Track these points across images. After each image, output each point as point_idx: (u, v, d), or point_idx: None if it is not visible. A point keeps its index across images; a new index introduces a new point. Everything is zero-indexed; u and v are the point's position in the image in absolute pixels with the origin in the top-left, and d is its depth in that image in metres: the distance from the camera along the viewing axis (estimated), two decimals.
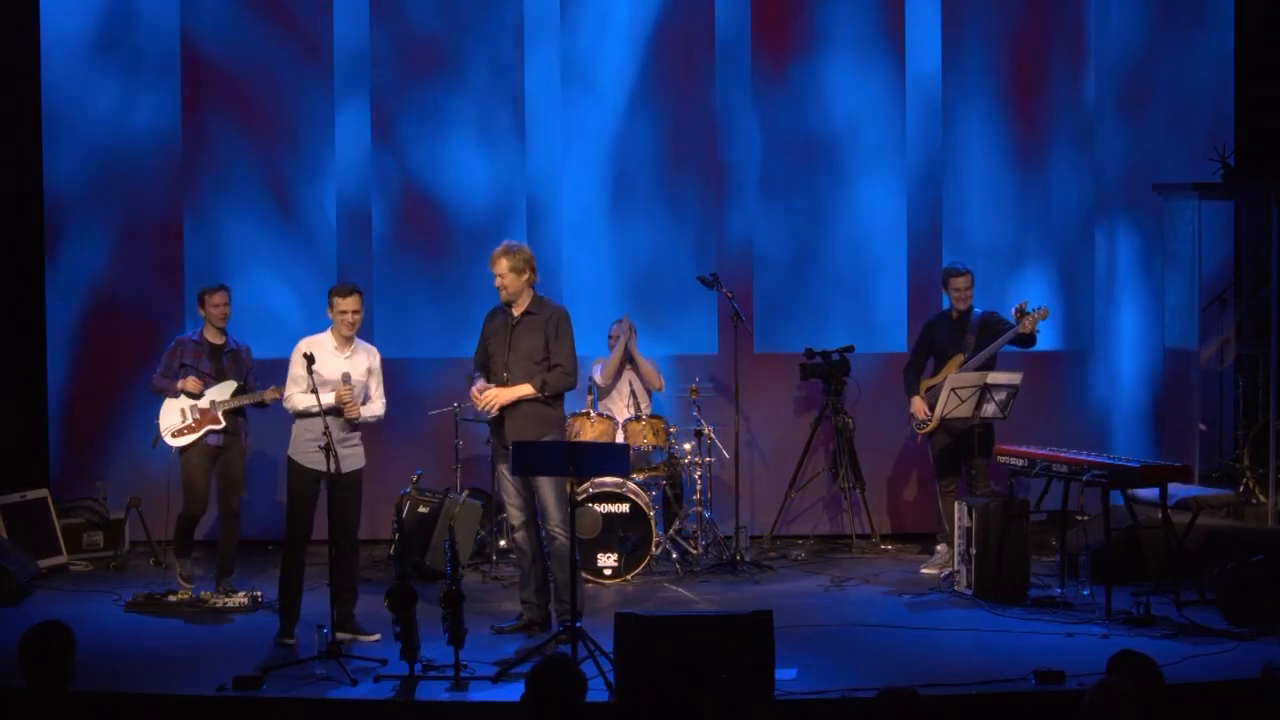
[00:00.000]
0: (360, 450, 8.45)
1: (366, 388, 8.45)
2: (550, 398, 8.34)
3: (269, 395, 9.17)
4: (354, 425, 8.36)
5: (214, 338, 9.54)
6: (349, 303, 8.34)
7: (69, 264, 11.10)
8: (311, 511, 8.37)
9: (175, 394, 9.30)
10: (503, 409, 8.28)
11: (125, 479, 10.82)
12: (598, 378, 10.52)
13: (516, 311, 8.39)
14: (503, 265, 8.29)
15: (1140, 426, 11.24)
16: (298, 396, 8.32)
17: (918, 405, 9.93)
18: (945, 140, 11.25)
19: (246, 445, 9.55)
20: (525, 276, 8.32)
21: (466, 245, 11.21)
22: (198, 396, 9.34)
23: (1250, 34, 11.18)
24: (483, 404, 8.35)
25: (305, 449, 8.25)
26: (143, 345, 10.86)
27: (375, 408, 8.50)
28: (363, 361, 8.45)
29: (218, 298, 9.50)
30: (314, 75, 11.14)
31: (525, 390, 8.27)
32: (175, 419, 9.33)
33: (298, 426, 8.36)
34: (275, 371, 9.65)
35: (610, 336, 10.62)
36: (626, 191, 11.32)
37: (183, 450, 9.32)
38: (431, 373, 11.19)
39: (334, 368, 8.32)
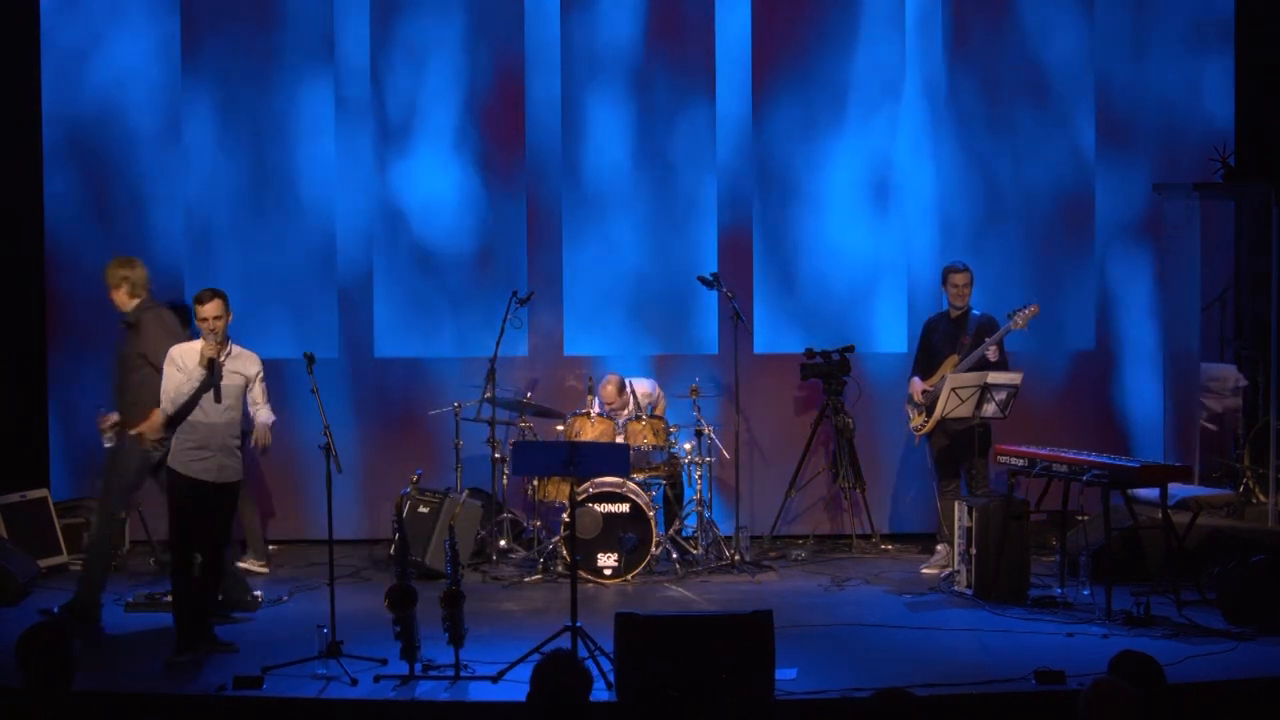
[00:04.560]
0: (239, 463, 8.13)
1: (249, 393, 8.07)
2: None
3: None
4: (241, 435, 8.05)
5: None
6: (207, 309, 7.90)
7: (70, 262, 11.10)
8: (199, 521, 8.06)
9: None
10: None
11: None
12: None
13: None
14: None
15: (1140, 426, 11.24)
16: (171, 396, 7.92)
17: (914, 385, 9.95)
18: (945, 141, 11.25)
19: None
20: (119, 291, 8.66)
21: (466, 242, 11.22)
22: None
23: (1250, 33, 11.19)
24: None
25: (186, 458, 7.97)
26: None
27: (264, 415, 8.10)
28: (238, 368, 8.02)
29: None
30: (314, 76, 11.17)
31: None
32: None
33: (180, 435, 7.99)
34: (278, 370, 9.69)
35: (606, 402, 10.45)
36: (625, 189, 11.31)
37: None
38: (431, 373, 11.19)
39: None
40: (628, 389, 10.42)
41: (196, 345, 7.95)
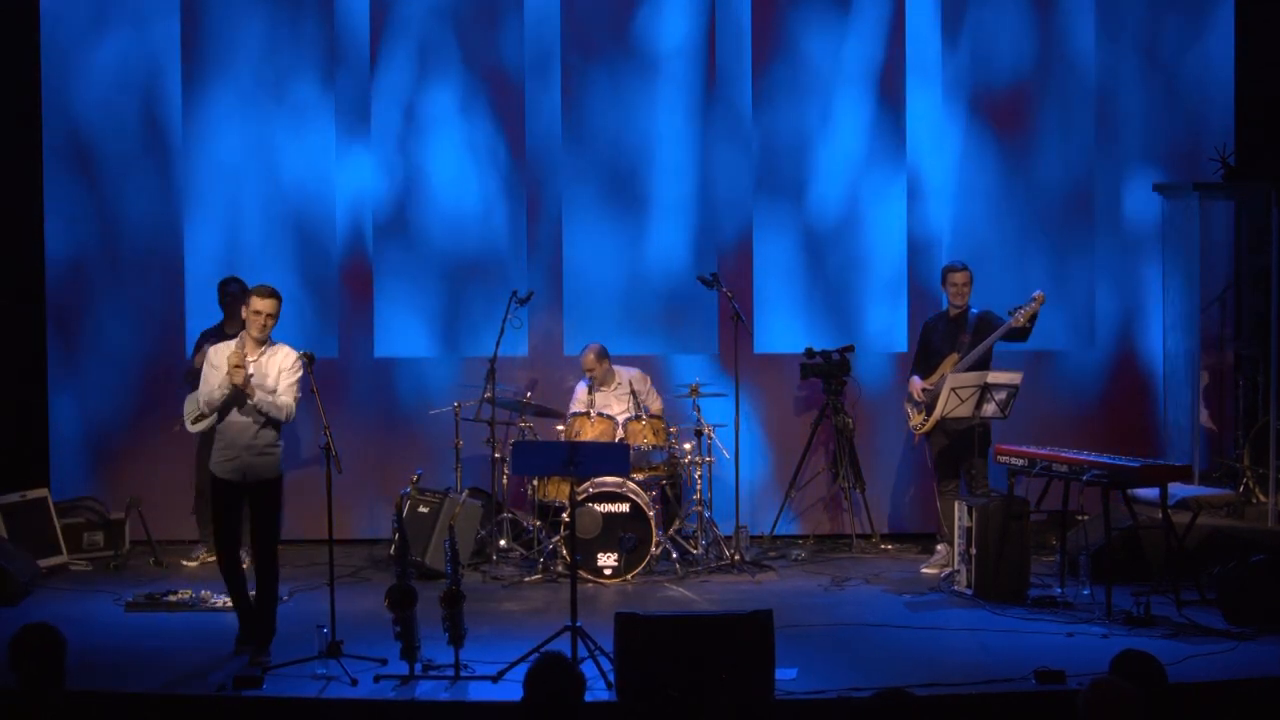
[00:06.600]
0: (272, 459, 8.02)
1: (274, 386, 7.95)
2: None
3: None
4: (264, 425, 7.90)
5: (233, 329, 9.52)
6: (265, 305, 7.88)
7: (70, 262, 11.09)
8: (236, 521, 8.06)
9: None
10: None
11: (125, 479, 10.83)
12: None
13: None
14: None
15: (1139, 426, 11.23)
16: (202, 394, 7.94)
17: (914, 384, 9.95)
18: (947, 140, 11.25)
19: None
20: None
21: (466, 242, 11.22)
22: None
23: (1251, 33, 11.19)
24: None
25: (218, 458, 7.97)
26: (144, 342, 10.91)
27: (279, 400, 7.89)
28: (274, 365, 7.95)
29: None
30: (319, 75, 11.17)
31: None
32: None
33: (215, 437, 8.00)
34: None
35: (586, 369, 10.49)
36: (624, 189, 11.30)
37: None
38: (431, 373, 11.18)
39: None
40: (608, 358, 10.45)
41: (231, 347, 7.92)
